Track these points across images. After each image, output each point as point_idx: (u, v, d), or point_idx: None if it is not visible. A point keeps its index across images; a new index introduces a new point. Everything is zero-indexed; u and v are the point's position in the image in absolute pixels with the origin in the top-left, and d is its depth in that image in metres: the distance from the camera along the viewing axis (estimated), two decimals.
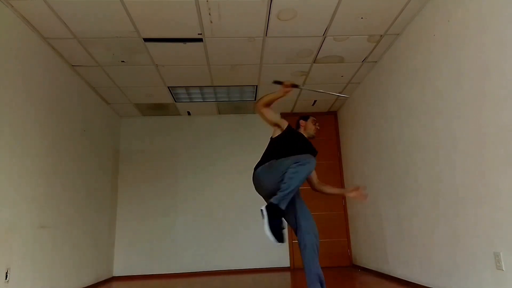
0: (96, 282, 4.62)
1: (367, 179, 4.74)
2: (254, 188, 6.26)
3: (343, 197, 5.70)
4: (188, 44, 3.70)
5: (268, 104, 2.81)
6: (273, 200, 2.49)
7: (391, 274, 4.05)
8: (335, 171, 5.82)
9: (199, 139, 5.89)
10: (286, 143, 2.86)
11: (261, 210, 2.47)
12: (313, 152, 2.90)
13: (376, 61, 4.29)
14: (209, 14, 3.20)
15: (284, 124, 2.91)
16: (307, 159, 2.52)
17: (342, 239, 5.55)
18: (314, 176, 3.10)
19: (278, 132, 2.92)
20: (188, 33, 3.50)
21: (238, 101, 5.46)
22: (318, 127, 3.16)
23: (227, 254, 5.47)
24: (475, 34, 2.58)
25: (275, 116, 2.91)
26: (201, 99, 5.32)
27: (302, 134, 3.04)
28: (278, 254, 5.48)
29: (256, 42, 3.72)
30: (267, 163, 2.79)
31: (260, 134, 5.95)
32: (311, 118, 3.19)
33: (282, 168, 2.58)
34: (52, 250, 3.60)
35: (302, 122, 3.18)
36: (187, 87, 4.85)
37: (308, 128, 3.13)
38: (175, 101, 5.32)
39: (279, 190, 2.51)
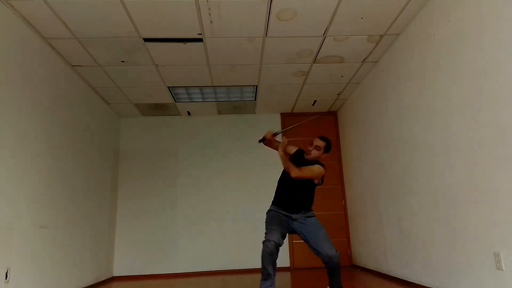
0: (96, 282, 4.62)
1: (367, 179, 4.74)
2: (253, 188, 6.28)
3: (343, 197, 5.71)
4: (188, 44, 3.70)
5: (291, 167, 2.95)
6: None
7: (391, 274, 4.05)
8: (335, 171, 5.82)
9: (199, 139, 5.90)
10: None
11: None
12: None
13: (376, 61, 4.29)
14: (209, 14, 3.20)
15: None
16: None
17: (342, 239, 5.55)
18: None
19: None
20: (188, 33, 3.50)
21: (238, 101, 5.46)
22: (317, 146, 3.12)
23: (227, 254, 5.47)
24: (474, 34, 2.58)
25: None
26: (201, 99, 5.32)
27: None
28: (278, 254, 5.46)
29: (256, 42, 3.72)
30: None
31: (260, 134, 5.96)
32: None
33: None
34: (52, 250, 3.60)
35: None
36: (187, 87, 4.85)
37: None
38: (175, 101, 5.32)
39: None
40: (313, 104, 5.68)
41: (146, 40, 3.59)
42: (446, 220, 2.96)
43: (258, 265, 5.79)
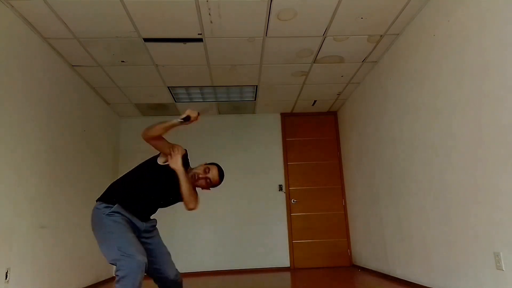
0: (96, 282, 4.61)
1: (367, 179, 4.74)
2: (253, 188, 6.23)
3: (343, 197, 5.71)
4: (188, 44, 3.70)
5: (159, 136, 2.27)
6: None
7: (391, 274, 4.05)
8: (335, 171, 5.82)
9: (199, 139, 5.89)
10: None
11: None
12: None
13: (376, 61, 4.29)
14: (209, 14, 3.20)
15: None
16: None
17: (342, 239, 5.55)
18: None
19: (163, 160, 2.36)
20: (188, 33, 3.50)
21: (238, 101, 5.46)
22: (209, 179, 2.34)
23: (227, 254, 5.47)
24: (475, 34, 2.58)
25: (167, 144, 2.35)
26: (201, 99, 5.32)
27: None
28: (278, 254, 5.47)
29: (256, 42, 3.72)
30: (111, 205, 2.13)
31: (260, 134, 5.97)
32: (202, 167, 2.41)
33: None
34: (52, 250, 3.59)
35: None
36: (187, 87, 4.85)
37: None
38: (175, 101, 5.32)
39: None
40: (313, 104, 5.68)
41: (146, 40, 3.59)
42: (446, 220, 2.96)
43: (258, 265, 5.78)
